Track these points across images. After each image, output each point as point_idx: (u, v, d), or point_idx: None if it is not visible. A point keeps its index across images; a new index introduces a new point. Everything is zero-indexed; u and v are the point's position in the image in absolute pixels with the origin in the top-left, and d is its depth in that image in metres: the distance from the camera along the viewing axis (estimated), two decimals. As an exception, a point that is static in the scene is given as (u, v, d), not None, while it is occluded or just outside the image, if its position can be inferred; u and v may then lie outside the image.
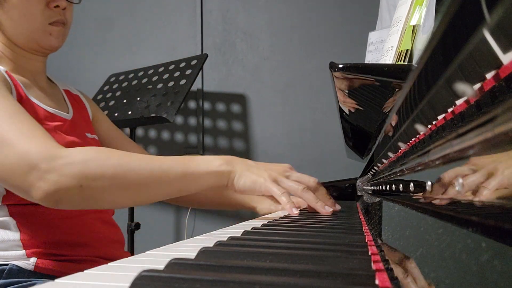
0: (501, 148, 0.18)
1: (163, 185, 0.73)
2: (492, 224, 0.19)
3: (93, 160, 0.70)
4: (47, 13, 0.91)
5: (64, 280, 0.31)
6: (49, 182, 0.68)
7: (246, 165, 0.76)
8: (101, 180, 0.70)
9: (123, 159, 0.72)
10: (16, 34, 0.91)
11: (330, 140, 1.94)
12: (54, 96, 1.00)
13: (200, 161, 0.75)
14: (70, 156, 0.69)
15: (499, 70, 0.19)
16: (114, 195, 0.72)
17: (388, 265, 0.34)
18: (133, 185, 0.71)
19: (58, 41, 0.94)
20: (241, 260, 0.34)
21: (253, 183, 0.72)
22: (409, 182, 0.42)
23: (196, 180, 0.74)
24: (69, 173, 0.68)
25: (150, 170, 0.72)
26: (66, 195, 0.70)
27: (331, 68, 0.65)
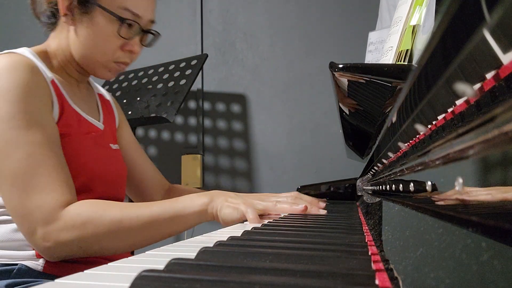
0: (501, 148, 0.18)
1: (155, 231, 0.79)
2: (492, 224, 0.19)
3: (89, 221, 0.76)
4: (118, 53, 0.92)
5: (64, 280, 0.31)
6: (49, 244, 0.76)
7: (225, 196, 0.81)
8: (97, 238, 0.77)
9: (117, 212, 0.78)
10: (80, 55, 0.91)
11: (330, 140, 1.94)
12: (91, 104, 1.02)
13: (185, 202, 0.80)
14: (69, 218, 0.76)
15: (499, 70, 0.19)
16: (111, 246, 0.79)
17: (388, 265, 0.34)
18: (128, 235, 0.78)
19: (112, 76, 0.96)
20: (241, 260, 0.34)
21: (232, 212, 0.77)
22: (409, 182, 0.42)
23: (183, 221, 0.80)
24: (67, 239, 0.76)
25: (142, 219, 0.78)
26: (66, 254, 0.79)
27: (331, 68, 0.65)
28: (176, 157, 2.08)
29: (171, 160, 2.09)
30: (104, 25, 0.88)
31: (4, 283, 0.78)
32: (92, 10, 0.88)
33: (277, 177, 2.01)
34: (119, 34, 0.89)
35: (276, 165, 2.01)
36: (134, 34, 0.91)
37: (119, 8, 0.88)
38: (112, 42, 0.90)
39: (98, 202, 0.80)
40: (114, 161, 1.01)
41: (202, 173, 2.06)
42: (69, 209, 0.77)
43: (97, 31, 0.89)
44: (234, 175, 2.06)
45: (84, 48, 0.90)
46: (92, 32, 0.89)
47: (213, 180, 2.06)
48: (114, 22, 0.88)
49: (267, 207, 0.80)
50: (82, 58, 0.92)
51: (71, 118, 0.89)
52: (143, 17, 0.91)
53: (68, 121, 0.88)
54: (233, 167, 2.06)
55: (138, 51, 0.94)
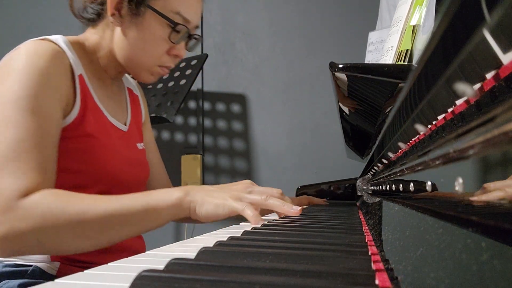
0: (501, 148, 0.18)
1: (124, 226, 0.72)
2: (492, 224, 0.19)
3: (49, 212, 0.69)
4: (164, 58, 0.90)
5: (64, 280, 0.31)
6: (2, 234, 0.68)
7: (205, 191, 0.74)
8: (58, 231, 0.69)
9: (81, 204, 0.70)
10: (125, 57, 0.90)
11: (330, 140, 1.94)
12: (119, 102, 1.00)
13: (158, 195, 0.73)
14: (28, 207, 0.69)
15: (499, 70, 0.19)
16: (72, 243, 0.71)
17: (388, 265, 0.34)
18: (92, 230, 0.71)
19: (154, 80, 0.95)
20: (241, 260, 0.34)
21: (215, 208, 0.71)
22: (409, 182, 0.42)
23: (156, 215, 0.73)
24: (22, 229, 0.68)
25: (110, 212, 0.70)
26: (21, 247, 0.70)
27: (331, 68, 0.65)
28: (176, 157, 2.08)
29: (171, 160, 2.09)
30: (155, 29, 0.87)
31: (17, 282, 0.77)
32: (143, 13, 0.86)
33: (277, 177, 2.01)
34: (169, 39, 0.88)
35: (276, 165, 2.01)
36: (182, 39, 0.90)
37: (172, 12, 0.86)
38: (161, 46, 0.88)
39: (64, 192, 0.73)
40: (139, 163, 0.98)
41: (202, 173, 2.06)
42: (30, 197, 0.70)
43: (148, 34, 0.87)
44: (234, 175, 2.05)
45: (131, 50, 0.89)
46: (142, 35, 0.87)
47: (213, 180, 2.06)
48: (166, 26, 0.87)
49: (256, 201, 0.73)
50: (126, 60, 0.90)
51: (95, 116, 0.86)
52: (192, 22, 0.90)
53: (92, 119, 0.85)
54: (233, 167, 2.06)
55: (183, 55, 0.93)
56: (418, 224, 0.35)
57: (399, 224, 0.45)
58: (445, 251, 0.24)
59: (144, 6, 0.86)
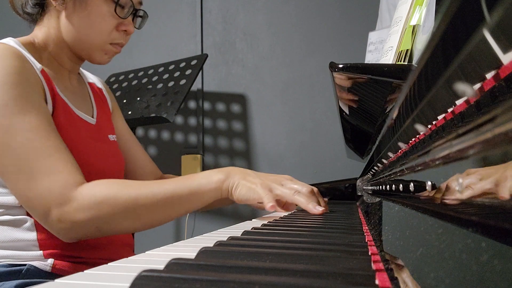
0: (501, 148, 0.18)
1: (171, 208, 0.79)
2: (492, 224, 0.19)
3: (105, 201, 0.76)
4: (113, 34, 0.91)
5: (64, 280, 0.31)
6: (65, 225, 0.76)
7: (243, 174, 0.80)
8: (114, 217, 0.77)
9: (132, 190, 0.77)
10: (75, 40, 0.90)
11: (330, 140, 1.94)
12: (82, 96, 1.00)
13: (201, 178, 0.80)
14: (83, 199, 0.75)
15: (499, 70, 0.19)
16: (128, 226, 0.79)
17: (388, 265, 0.34)
18: (144, 214, 0.78)
19: (108, 60, 0.96)
20: (241, 260, 0.34)
21: (247, 191, 0.77)
22: (409, 182, 0.42)
23: (199, 198, 0.79)
24: (83, 219, 0.75)
25: (157, 197, 0.78)
26: (83, 234, 0.79)
27: (331, 68, 0.65)
28: (176, 157, 2.08)
29: (171, 160, 2.09)
30: (99, 5, 0.88)
31: (14, 283, 0.77)
32: None
33: (277, 177, 2.00)
34: (116, 13, 0.89)
35: (276, 165, 2.01)
36: (128, 13, 0.92)
37: None
38: (108, 22, 0.89)
39: (113, 181, 0.79)
40: (112, 154, 0.99)
41: (202, 173, 2.06)
42: (83, 188, 0.76)
43: (93, 11, 0.88)
44: (234, 175, 2.05)
45: (79, 31, 0.89)
46: (87, 13, 0.88)
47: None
48: (109, 1, 0.88)
49: (284, 194, 0.77)
50: (77, 42, 0.90)
51: (63, 110, 0.87)
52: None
53: (60, 113, 0.86)
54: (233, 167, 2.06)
55: (132, 31, 0.94)
56: (418, 224, 0.35)
57: (399, 224, 0.45)
58: (445, 251, 0.24)
59: None
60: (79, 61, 0.97)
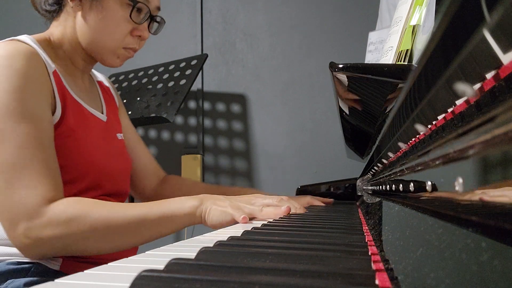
0: (501, 148, 0.18)
1: (142, 232, 0.77)
2: (492, 224, 0.19)
3: (74, 219, 0.74)
4: (127, 39, 0.91)
5: (64, 280, 0.31)
6: (29, 240, 0.74)
7: (214, 199, 0.79)
8: (82, 237, 0.75)
9: (103, 211, 0.76)
10: (89, 41, 0.90)
11: (330, 140, 1.94)
12: (93, 94, 1.00)
13: (174, 203, 0.78)
14: (53, 215, 0.74)
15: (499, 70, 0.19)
16: (96, 246, 0.77)
17: (388, 265, 0.34)
18: (114, 236, 0.76)
19: (120, 63, 0.96)
20: (241, 260, 0.34)
21: (219, 215, 0.76)
22: (409, 182, 0.42)
23: (171, 223, 0.78)
24: (50, 235, 0.73)
25: (129, 219, 0.76)
26: (47, 252, 0.77)
27: (331, 68, 0.65)
28: (176, 157, 2.08)
29: (171, 160, 2.09)
30: (115, 9, 0.88)
31: (23, 281, 0.77)
32: None
33: (277, 177, 2.01)
34: (131, 18, 0.89)
35: (276, 165, 2.01)
36: (144, 19, 0.91)
37: None
38: (123, 26, 0.89)
39: (85, 200, 0.78)
40: (120, 153, 1.00)
41: (202, 173, 2.06)
42: (54, 205, 0.74)
43: (108, 15, 0.88)
44: (234, 175, 2.05)
45: (93, 34, 0.89)
46: (103, 17, 0.88)
47: (213, 180, 2.06)
48: (126, 6, 0.88)
49: (253, 211, 0.77)
50: (90, 44, 0.91)
51: (75, 111, 0.87)
52: (152, 2, 0.92)
53: (72, 114, 0.86)
54: (233, 167, 2.06)
55: (146, 37, 0.94)
56: (418, 224, 0.35)
57: (399, 224, 0.45)
58: (445, 251, 0.24)
59: None
60: (92, 62, 0.97)
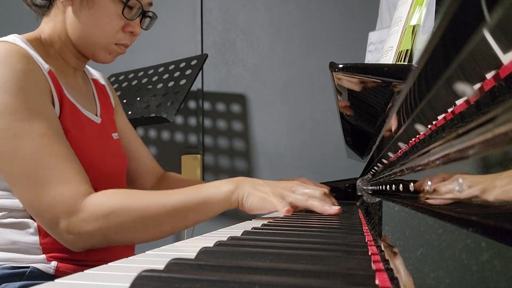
0: (501, 148, 0.18)
1: (180, 220, 0.78)
2: (492, 224, 0.19)
3: (113, 212, 0.75)
4: (119, 35, 0.90)
5: (64, 280, 0.31)
6: (73, 235, 0.75)
7: (253, 183, 0.79)
8: (122, 228, 0.76)
9: (140, 201, 0.76)
10: (80, 37, 0.89)
11: (330, 140, 1.94)
12: (87, 94, 0.99)
13: (210, 189, 0.79)
14: (91, 209, 0.74)
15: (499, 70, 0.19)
16: (135, 237, 0.78)
17: (388, 265, 0.34)
18: (153, 225, 0.77)
19: (112, 60, 0.94)
20: (241, 260, 0.34)
21: (259, 201, 0.76)
22: (409, 182, 0.42)
23: (209, 209, 0.78)
24: (91, 229, 0.75)
25: (166, 208, 0.76)
26: (91, 244, 0.78)
27: (331, 68, 0.65)
28: (176, 157, 2.08)
29: (171, 160, 2.09)
30: (107, 5, 0.86)
31: (17, 285, 0.76)
32: None
33: (277, 177, 2.00)
34: (123, 14, 0.87)
35: (276, 165, 2.01)
36: (136, 15, 0.90)
37: None
38: (115, 22, 0.88)
39: (121, 191, 0.79)
40: (116, 153, 0.99)
41: (202, 173, 2.06)
42: (91, 199, 0.75)
43: (100, 11, 0.86)
44: (234, 175, 2.05)
45: (84, 30, 0.87)
46: (94, 12, 0.86)
47: (213, 180, 2.06)
48: (118, 2, 0.87)
49: (298, 201, 0.77)
50: (81, 41, 0.89)
51: (70, 111, 0.86)
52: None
53: (68, 115, 0.85)
54: (233, 167, 2.06)
55: (138, 33, 0.93)
56: (418, 224, 0.35)
57: (399, 224, 0.45)
58: (445, 251, 0.24)
59: None
60: (84, 59, 0.95)
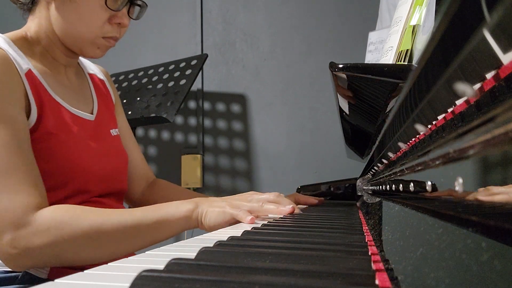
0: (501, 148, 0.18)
1: (137, 238, 0.74)
2: (492, 224, 0.19)
3: (65, 226, 0.70)
4: (106, 28, 0.86)
5: (64, 280, 0.31)
6: (17, 251, 0.69)
7: (210, 202, 0.77)
8: (75, 244, 0.70)
9: (96, 217, 0.72)
10: (65, 33, 0.85)
11: (330, 140, 1.94)
12: (81, 91, 0.95)
13: (170, 207, 0.76)
14: (41, 222, 0.70)
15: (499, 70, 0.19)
16: (89, 254, 0.73)
17: (388, 265, 0.34)
18: (108, 242, 0.72)
19: (102, 54, 0.90)
20: (241, 260, 0.34)
21: (217, 216, 0.74)
22: (409, 182, 0.42)
23: (167, 227, 0.75)
24: (39, 244, 0.69)
25: (123, 224, 0.73)
26: (37, 262, 0.72)
27: (331, 68, 0.65)
28: (176, 157, 2.08)
29: (171, 160, 2.09)
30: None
31: None
32: None
33: (277, 177, 2.01)
34: (107, 5, 0.83)
35: (276, 165, 2.01)
36: (122, 5, 0.86)
37: None
38: (99, 15, 0.83)
39: (75, 207, 0.74)
40: (114, 151, 0.95)
41: (202, 173, 2.06)
42: (42, 212, 0.71)
43: (82, 4, 0.82)
44: (234, 175, 2.05)
45: (68, 25, 0.84)
46: (77, 6, 0.83)
47: (213, 180, 2.06)
48: None
49: (253, 208, 0.76)
50: (67, 37, 0.86)
51: (55, 112, 0.83)
52: None
53: (51, 116, 0.81)
54: (233, 167, 2.06)
55: (127, 24, 0.88)
56: (418, 224, 0.35)
57: (399, 224, 0.45)
58: (445, 251, 0.24)
59: None
60: (74, 55, 0.92)
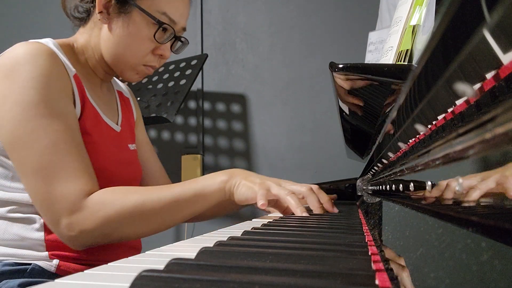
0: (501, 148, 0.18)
1: (177, 211, 0.80)
2: (492, 224, 0.19)
3: (112, 208, 0.77)
4: (148, 57, 0.92)
5: (64, 280, 0.31)
6: (74, 233, 0.77)
7: (245, 175, 0.82)
8: (121, 223, 0.78)
9: (138, 196, 0.79)
10: (111, 54, 0.91)
11: (330, 140, 1.94)
12: (110, 102, 1.01)
13: (205, 180, 0.81)
14: (92, 207, 0.77)
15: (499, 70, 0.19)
16: (135, 231, 0.80)
17: (388, 265, 0.34)
18: (151, 218, 0.79)
19: (138, 79, 0.96)
20: (241, 260, 0.34)
21: (246, 190, 0.79)
22: (409, 182, 0.42)
23: (204, 199, 0.80)
24: (91, 227, 0.77)
25: (164, 200, 0.79)
26: (91, 242, 0.80)
27: (331, 68, 0.65)
28: (176, 157, 2.08)
29: (171, 160, 2.09)
30: (141, 27, 0.88)
31: (17, 282, 0.78)
32: (130, 11, 0.88)
33: (277, 177, 2.00)
34: (154, 38, 0.89)
35: (276, 165, 2.01)
36: (168, 39, 0.92)
37: (158, 12, 0.88)
38: (146, 44, 0.90)
39: (119, 188, 0.81)
40: (131, 163, 1.01)
41: (202, 173, 2.06)
42: (92, 197, 0.77)
43: (133, 32, 0.88)
44: (234, 175, 2.05)
45: (116, 48, 0.90)
46: (128, 33, 0.89)
47: (213, 180, 2.06)
48: (151, 25, 0.89)
49: (280, 194, 0.79)
50: (112, 58, 0.91)
51: (91, 115, 0.89)
52: (178, 23, 0.92)
53: (88, 118, 0.87)
54: (233, 167, 2.05)
55: (167, 56, 0.95)
56: (418, 224, 0.35)
57: (399, 224, 0.45)
58: (445, 251, 0.24)
59: (131, 4, 0.87)
60: (113, 73, 0.98)
